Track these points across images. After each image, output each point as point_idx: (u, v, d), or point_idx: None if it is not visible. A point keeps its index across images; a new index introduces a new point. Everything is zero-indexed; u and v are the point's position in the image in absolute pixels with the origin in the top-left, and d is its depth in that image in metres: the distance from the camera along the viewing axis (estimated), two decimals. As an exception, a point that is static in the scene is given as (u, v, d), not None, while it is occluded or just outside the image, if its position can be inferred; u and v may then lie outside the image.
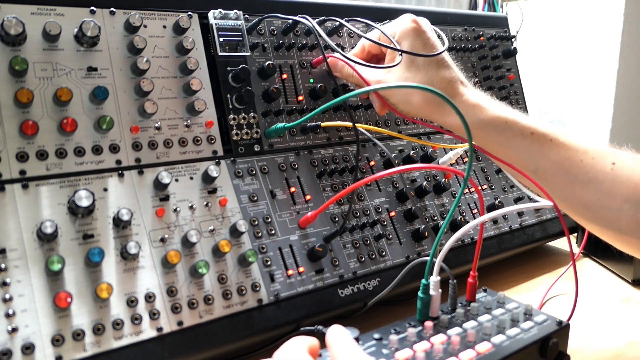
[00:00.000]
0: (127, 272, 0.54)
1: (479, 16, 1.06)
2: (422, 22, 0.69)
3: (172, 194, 0.59)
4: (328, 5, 0.79)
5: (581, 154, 0.61)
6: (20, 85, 0.53)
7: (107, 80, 0.58)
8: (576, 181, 0.60)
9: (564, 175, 0.61)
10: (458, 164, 0.87)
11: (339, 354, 0.41)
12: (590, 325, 0.71)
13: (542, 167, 0.62)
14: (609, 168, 0.59)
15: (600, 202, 0.59)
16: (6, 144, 0.52)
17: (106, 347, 0.50)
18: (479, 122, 0.64)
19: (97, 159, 0.57)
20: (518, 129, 0.63)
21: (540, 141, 0.62)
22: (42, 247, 0.51)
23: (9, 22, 0.51)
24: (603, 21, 1.21)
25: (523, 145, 0.63)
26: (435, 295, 0.53)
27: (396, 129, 0.82)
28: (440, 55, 0.67)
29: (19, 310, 0.48)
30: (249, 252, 0.59)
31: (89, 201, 0.52)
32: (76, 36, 0.57)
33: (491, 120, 0.64)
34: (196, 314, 0.56)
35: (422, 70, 0.67)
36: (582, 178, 0.60)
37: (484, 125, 0.64)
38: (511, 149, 0.63)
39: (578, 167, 0.61)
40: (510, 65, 1.04)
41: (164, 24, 0.63)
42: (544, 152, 0.62)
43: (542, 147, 0.62)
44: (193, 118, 0.63)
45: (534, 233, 0.90)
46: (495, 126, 0.64)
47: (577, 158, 0.61)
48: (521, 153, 0.63)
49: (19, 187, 0.52)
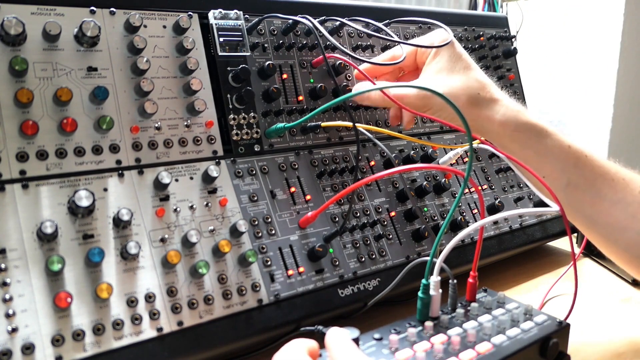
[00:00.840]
0: (127, 272, 0.54)
1: (479, 16, 1.06)
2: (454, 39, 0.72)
3: (172, 194, 0.59)
4: (328, 5, 0.79)
5: (613, 174, 0.62)
6: (20, 85, 0.53)
7: (107, 80, 0.58)
8: (605, 200, 0.62)
9: (594, 193, 0.62)
10: (458, 164, 0.87)
11: (338, 355, 0.41)
12: (590, 325, 0.71)
13: (574, 181, 0.63)
14: (637, 191, 0.61)
15: (625, 224, 0.61)
16: (6, 144, 0.52)
17: (106, 347, 0.50)
18: (522, 124, 0.65)
19: (97, 159, 0.56)
20: (557, 139, 0.64)
21: (577, 155, 0.63)
22: (42, 247, 0.51)
23: (9, 22, 0.51)
24: (603, 21, 1.21)
25: (560, 156, 0.64)
26: (436, 296, 0.53)
27: (396, 129, 0.82)
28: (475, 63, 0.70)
29: (19, 310, 0.48)
30: (249, 252, 0.59)
31: (89, 201, 0.52)
32: (76, 36, 0.57)
33: (533, 125, 0.65)
34: (196, 314, 0.56)
35: (459, 76, 0.68)
36: (611, 198, 0.61)
37: (525, 129, 0.65)
38: (547, 157, 0.63)
39: (609, 186, 0.62)
40: (510, 65, 1.04)
41: (164, 24, 0.63)
42: (579, 167, 0.63)
43: (578, 162, 0.63)
44: (193, 118, 0.63)
45: (534, 233, 0.90)
46: (537, 132, 0.65)
47: (609, 177, 0.62)
48: (556, 164, 0.63)
49: (19, 187, 0.52)
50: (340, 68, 0.76)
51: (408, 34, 0.87)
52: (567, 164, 0.63)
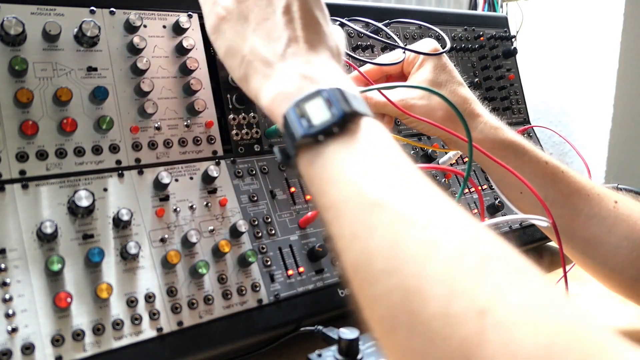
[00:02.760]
0: (127, 272, 0.54)
1: (479, 16, 1.06)
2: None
3: (172, 194, 0.59)
4: (328, 5, 0.79)
5: (588, 190, 0.64)
6: (20, 85, 0.53)
7: (107, 80, 0.58)
8: (581, 215, 0.64)
9: (571, 208, 0.64)
10: (458, 164, 0.87)
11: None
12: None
13: (551, 197, 0.64)
14: (611, 206, 0.63)
15: (601, 238, 0.62)
16: (6, 144, 0.52)
17: (106, 347, 0.50)
18: (500, 142, 0.66)
19: (97, 159, 0.56)
20: (534, 156, 0.66)
21: (554, 171, 0.65)
22: (42, 247, 0.51)
23: (9, 22, 0.51)
24: (603, 21, 1.21)
25: (537, 172, 0.65)
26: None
27: (396, 129, 0.82)
28: (460, 77, 0.71)
29: (18, 310, 0.48)
30: (249, 252, 0.59)
31: (89, 201, 0.52)
32: (76, 36, 0.57)
33: (511, 142, 0.66)
34: (196, 314, 0.56)
35: (443, 88, 0.69)
36: (587, 212, 0.63)
37: (504, 146, 0.66)
38: (525, 173, 0.64)
39: (585, 201, 0.64)
40: (510, 65, 1.04)
41: (164, 24, 0.63)
42: (556, 182, 0.65)
43: (555, 177, 0.65)
44: (193, 118, 0.63)
45: (534, 233, 0.90)
46: (514, 149, 0.66)
47: (585, 193, 0.64)
48: (534, 179, 0.64)
49: (18, 187, 0.52)
50: (340, 68, 0.76)
51: (408, 34, 0.87)
52: (545, 180, 0.65)
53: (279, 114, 0.42)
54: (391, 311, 0.30)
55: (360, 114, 0.39)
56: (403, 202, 0.33)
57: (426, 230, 0.31)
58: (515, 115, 1.04)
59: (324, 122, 0.38)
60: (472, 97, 0.70)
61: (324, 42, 0.47)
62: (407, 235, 0.31)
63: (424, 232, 0.31)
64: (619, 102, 1.22)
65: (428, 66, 0.70)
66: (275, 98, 0.43)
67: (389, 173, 0.35)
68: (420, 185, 0.35)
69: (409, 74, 0.72)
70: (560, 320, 0.27)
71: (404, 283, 0.30)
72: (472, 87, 0.73)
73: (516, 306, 0.27)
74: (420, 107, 0.68)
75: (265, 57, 0.46)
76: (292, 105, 0.41)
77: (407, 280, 0.30)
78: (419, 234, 0.31)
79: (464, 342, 0.27)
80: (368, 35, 0.76)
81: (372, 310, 0.32)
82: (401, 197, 0.33)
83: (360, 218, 0.34)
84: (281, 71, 0.44)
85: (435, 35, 0.88)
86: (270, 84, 0.44)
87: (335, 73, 0.44)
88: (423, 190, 0.34)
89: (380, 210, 0.33)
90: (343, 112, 0.38)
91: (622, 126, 1.25)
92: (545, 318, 0.27)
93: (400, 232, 0.32)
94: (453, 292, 0.28)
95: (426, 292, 0.29)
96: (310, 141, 0.38)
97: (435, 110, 0.67)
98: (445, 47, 0.71)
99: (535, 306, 0.27)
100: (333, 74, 0.44)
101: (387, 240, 0.32)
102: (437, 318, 0.28)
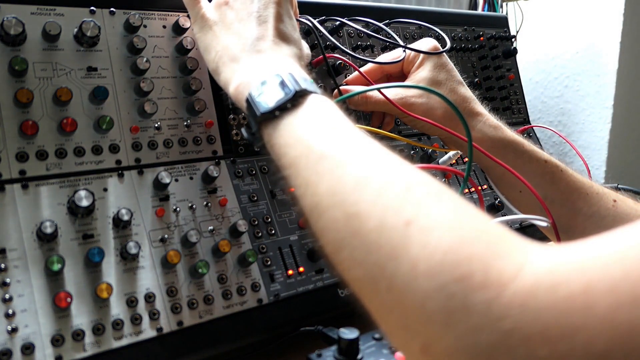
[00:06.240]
0: (127, 272, 0.54)
1: (479, 16, 1.07)
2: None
3: (172, 194, 0.59)
4: (328, 5, 0.79)
5: (587, 188, 0.64)
6: (20, 85, 0.53)
7: (107, 80, 0.58)
8: (580, 214, 0.64)
9: (570, 207, 0.64)
10: (458, 164, 0.87)
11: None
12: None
13: (550, 195, 0.64)
14: (610, 205, 0.63)
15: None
16: (6, 144, 0.52)
17: (106, 347, 0.50)
18: (500, 140, 0.66)
19: (97, 159, 0.56)
20: (534, 155, 0.66)
21: (553, 170, 0.65)
22: (42, 247, 0.51)
23: (9, 22, 0.51)
24: (603, 21, 1.21)
25: (537, 170, 0.65)
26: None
27: (396, 129, 0.82)
28: (460, 76, 0.71)
29: (18, 310, 0.48)
30: (248, 252, 0.59)
31: (89, 201, 0.52)
32: (76, 36, 0.57)
33: (511, 141, 0.67)
34: (196, 314, 0.56)
35: (443, 86, 0.69)
36: (586, 211, 0.63)
37: (503, 145, 0.66)
38: (524, 172, 0.64)
39: (584, 200, 0.64)
40: (510, 65, 1.04)
41: (163, 24, 0.63)
42: (555, 181, 0.65)
43: (554, 176, 0.65)
44: (193, 118, 0.63)
45: (534, 233, 0.90)
46: (514, 148, 0.66)
47: (584, 191, 0.64)
48: (533, 178, 0.64)
49: (18, 187, 0.52)
50: (340, 68, 0.76)
51: (408, 34, 0.87)
52: (544, 179, 0.65)
53: (242, 99, 0.50)
54: (337, 234, 0.37)
55: (309, 92, 0.46)
56: (343, 151, 0.40)
57: (361, 168, 0.38)
58: (515, 115, 1.04)
59: (279, 100, 0.46)
60: (471, 96, 0.70)
61: (289, 44, 0.55)
62: (346, 174, 0.38)
63: (359, 170, 0.38)
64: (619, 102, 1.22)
65: (428, 65, 0.70)
66: (239, 86, 0.52)
67: (331, 131, 0.43)
68: (356, 138, 0.42)
69: (409, 73, 0.72)
70: (471, 223, 0.33)
71: (346, 210, 0.36)
72: (472, 87, 0.73)
73: (435, 215, 0.33)
74: (419, 106, 0.68)
75: (234, 53, 0.54)
76: (252, 89, 0.49)
77: (348, 208, 0.36)
78: (355, 171, 0.38)
79: (395, 247, 0.33)
80: (368, 34, 0.76)
81: (324, 237, 0.39)
82: (341, 148, 0.41)
83: (310, 168, 0.41)
84: (246, 64, 0.53)
85: (435, 35, 0.88)
86: (236, 75, 0.53)
87: (290, 64, 0.52)
88: (359, 142, 0.41)
89: (325, 160, 0.40)
90: (294, 90, 0.46)
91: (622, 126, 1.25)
92: (459, 223, 0.32)
93: (341, 173, 0.39)
94: (385, 211, 0.34)
95: (363, 214, 0.35)
96: (269, 117, 0.46)
97: (435, 109, 0.67)
98: (445, 46, 0.71)
99: (451, 215, 0.33)
100: (288, 64, 0.52)
101: (331, 182, 0.39)
102: (373, 232, 0.34)
